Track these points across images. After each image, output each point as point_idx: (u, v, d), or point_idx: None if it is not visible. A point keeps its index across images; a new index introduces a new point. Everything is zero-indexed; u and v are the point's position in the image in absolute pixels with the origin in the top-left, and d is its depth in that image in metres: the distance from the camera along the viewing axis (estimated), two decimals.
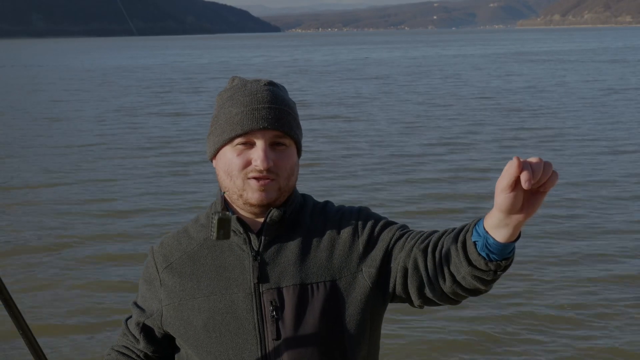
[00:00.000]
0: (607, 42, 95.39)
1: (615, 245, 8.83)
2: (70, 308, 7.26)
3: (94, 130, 20.15)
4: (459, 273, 1.71)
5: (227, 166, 1.88)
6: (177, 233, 2.03)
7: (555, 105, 23.87)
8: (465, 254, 1.67)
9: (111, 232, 9.87)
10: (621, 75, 36.63)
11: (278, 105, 1.88)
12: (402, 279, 1.85)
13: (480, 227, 1.63)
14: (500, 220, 1.55)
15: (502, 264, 1.63)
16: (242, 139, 1.86)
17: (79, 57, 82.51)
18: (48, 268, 8.44)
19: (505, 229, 1.56)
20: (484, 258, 1.63)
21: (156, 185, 12.88)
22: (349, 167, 13.95)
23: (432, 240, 1.81)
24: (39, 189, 12.67)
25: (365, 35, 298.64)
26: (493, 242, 1.60)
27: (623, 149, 15.42)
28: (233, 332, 1.87)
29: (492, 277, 1.66)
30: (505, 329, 6.55)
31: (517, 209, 1.51)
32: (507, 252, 1.62)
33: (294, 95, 28.51)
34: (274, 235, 1.91)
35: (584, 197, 11.19)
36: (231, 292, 1.88)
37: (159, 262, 2.00)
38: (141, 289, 2.05)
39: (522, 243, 8.49)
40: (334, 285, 1.87)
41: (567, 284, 7.59)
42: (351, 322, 1.87)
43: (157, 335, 2.02)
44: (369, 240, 1.91)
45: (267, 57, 73.79)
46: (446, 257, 1.74)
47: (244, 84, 1.93)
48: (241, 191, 1.87)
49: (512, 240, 1.59)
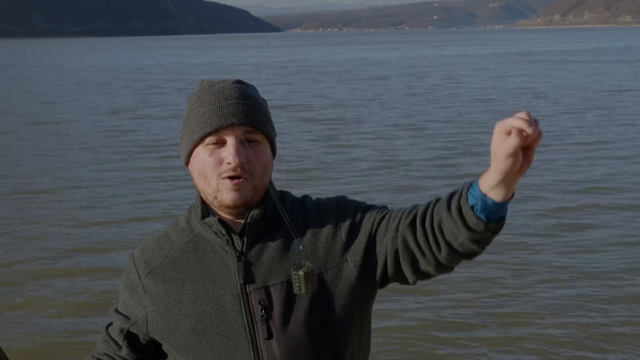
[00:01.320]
0: (610, 42, 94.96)
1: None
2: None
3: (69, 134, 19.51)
4: (456, 240, 1.71)
5: (200, 167, 1.87)
6: (157, 238, 2.01)
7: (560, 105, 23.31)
8: (463, 220, 1.67)
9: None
10: (625, 75, 36.06)
11: (246, 101, 1.87)
12: (393, 260, 1.85)
13: (475, 190, 1.65)
14: (499, 181, 1.58)
15: (500, 224, 1.67)
16: (212, 137, 1.85)
17: (73, 57, 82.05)
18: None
19: (504, 189, 1.60)
20: (482, 221, 1.65)
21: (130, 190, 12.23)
22: (339, 171, 13.38)
23: (417, 214, 1.80)
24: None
25: (365, 35, 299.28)
26: (492, 202, 1.63)
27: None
28: (223, 334, 1.85)
29: (490, 239, 1.70)
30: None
31: (517, 168, 1.56)
32: (503, 212, 1.66)
33: (291, 96, 28.13)
34: (256, 235, 1.89)
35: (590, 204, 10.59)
36: (218, 295, 1.87)
37: (141, 268, 1.97)
38: (122, 296, 2.02)
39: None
40: (321, 278, 1.85)
41: (576, 276, 7.28)
42: (341, 313, 1.87)
43: (141, 342, 1.99)
44: (351, 228, 1.90)
45: (262, 57, 73.38)
46: (439, 227, 1.74)
47: (212, 84, 1.92)
48: (216, 192, 1.86)
49: (508, 198, 1.63)
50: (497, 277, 7.67)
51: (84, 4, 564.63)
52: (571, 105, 23.74)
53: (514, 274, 7.77)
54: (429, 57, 63.44)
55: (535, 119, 1.52)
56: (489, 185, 1.61)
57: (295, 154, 15.34)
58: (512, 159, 1.54)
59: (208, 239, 1.93)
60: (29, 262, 8.62)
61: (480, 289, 7.36)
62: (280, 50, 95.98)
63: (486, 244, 1.72)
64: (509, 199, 1.64)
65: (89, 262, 8.60)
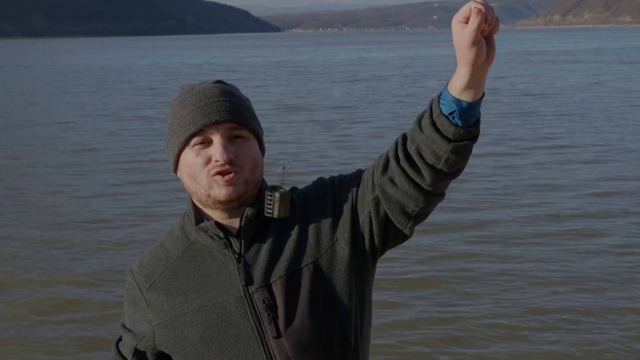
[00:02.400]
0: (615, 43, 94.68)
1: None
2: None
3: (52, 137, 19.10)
4: (439, 159, 1.69)
5: (189, 169, 1.85)
6: (154, 249, 1.98)
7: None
8: (441, 134, 1.66)
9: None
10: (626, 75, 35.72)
11: (228, 97, 1.86)
12: (382, 223, 1.84)
13: (446, 98, 1.65)
14: (470, 78, 1.60)
15: (478, 127, 1.67)
16: (198, 138, 1.83)
17: (69, 57, 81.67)
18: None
19: (474, 88, 1.62)
20: (461, 127, 1.64)
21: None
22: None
23: (389, 157, 1.78)
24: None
25: (365, 35, 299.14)
26: (466, 104, 1.63)
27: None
28: (232, 339, 1.84)
29: (471, 146, 1.68)
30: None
31: (485, 57, 1.58)
32: (478, 113, 1.66)
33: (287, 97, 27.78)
34: (252, 234, 1.88)
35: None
36: (221, 300, 1.85)
37: (141, 283, 1.95)
38: (127, 311, 2.00)
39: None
40: (317, 265, 1.85)
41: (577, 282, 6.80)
42: (342, 296, 1.85)
43: (150, 359, 1.99)
44: (334, 207, 1.89)
45: (263, 57, 73.01)
46: (418, 154, 1.72)
47: (192, 87, 1.91)
48: (208, 190, 1.84)
49: (480, 97, 1.64)
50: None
51: (84, 4, 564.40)
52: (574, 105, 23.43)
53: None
54: (428, 58, 63.15)
55: (489, 5, 1.55)
56: (459, 86, 1.63)
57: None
58: (477, 47, 1.57)
59: (205, 245, 1.90)
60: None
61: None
62: (275, 50, 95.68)
63: (469, 153, 1.71)
64: (480, 98, 1.65)
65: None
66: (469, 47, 1.57)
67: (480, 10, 1.54)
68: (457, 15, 1.57)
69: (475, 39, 1.56)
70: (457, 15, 1.57)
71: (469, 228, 9.60)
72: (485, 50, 1.59)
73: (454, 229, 9.51)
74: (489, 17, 1.55)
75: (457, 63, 1.63)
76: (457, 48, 1.59)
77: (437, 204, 1.83)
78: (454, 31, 1.58)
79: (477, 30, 1.55)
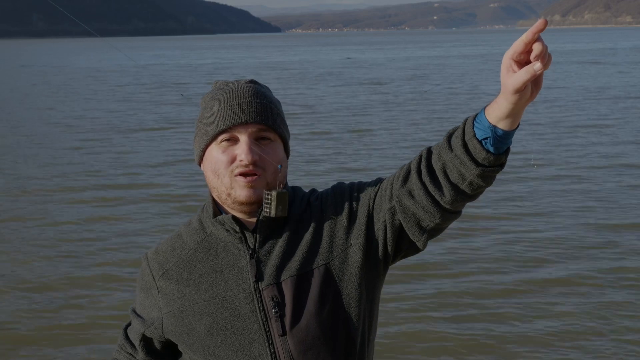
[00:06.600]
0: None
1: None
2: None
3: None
4: (464, 180, 1.69)
5: (213, 165, 1.88)
6: (171, 238, 2.01)
7: None
8: (471, 156, 1.65)
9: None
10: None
11: (259, 99, 1.88)
12: (396, 233, 1.84)
13: (481, 123, 1.63)
14: (510, 111, 1.58)
15: (507, 155, 1.66)
16: (225, 135, 1.86)
17: (67, 58, 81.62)
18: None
19: (512, 118, 1.60)
20: (492, 154, 1.63)
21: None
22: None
23: (411, 170, 1.78)
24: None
25: (365, 35, 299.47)
26: (502, 132, 1.62)
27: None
28: (238, 334, 1.85)
29: (497, 172, 1.68)
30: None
31: (528, 96, 1.56)
32: (509, 142, 1.66)
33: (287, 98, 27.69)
34: (268, 231, 1.89)
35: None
36: (232, 294, 1.87)
37: (155, 270, 1.98)
38: (138, 297, 2.03)
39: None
40: (328, 268, 1.86)
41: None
42: (351, 300, 1.86)
43: (157, 346, 2.01)
44: (350, 212, 1.89)
45: (259, 58, 72.96)
46: (443, 171, 1.71)
47: (226, 84, 1.93)
48: (229, 189, 1.86)
49: (515, 127, 1.63)
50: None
51: (84, 4, 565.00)
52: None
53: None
54: (428, 58, 63.10)
55: (545, 46, 1.48)
56: (498, 115, 1.60)
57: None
58: (522, 92, 1.54)
59: (220, 238, 1.92)
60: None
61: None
62: (271, 50, 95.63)
63: (493, 179, 1.71)
64: (516, 127, 1.64)
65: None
66: (513, 92, 1.54)
67: (540, 69, 1.50)
68: (509, 52, 1.52)
69: (522, 88, 1.53)
70: (510, 52, 1.52)
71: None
72: (530, 88, 1.55)
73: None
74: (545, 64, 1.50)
75: (499, 90, 1.60)
76: (503, 84, 1.56)
77: (452, 221, 1.82)
78: (503, 67, 1.54)
79: (528, 82, 1.51)
